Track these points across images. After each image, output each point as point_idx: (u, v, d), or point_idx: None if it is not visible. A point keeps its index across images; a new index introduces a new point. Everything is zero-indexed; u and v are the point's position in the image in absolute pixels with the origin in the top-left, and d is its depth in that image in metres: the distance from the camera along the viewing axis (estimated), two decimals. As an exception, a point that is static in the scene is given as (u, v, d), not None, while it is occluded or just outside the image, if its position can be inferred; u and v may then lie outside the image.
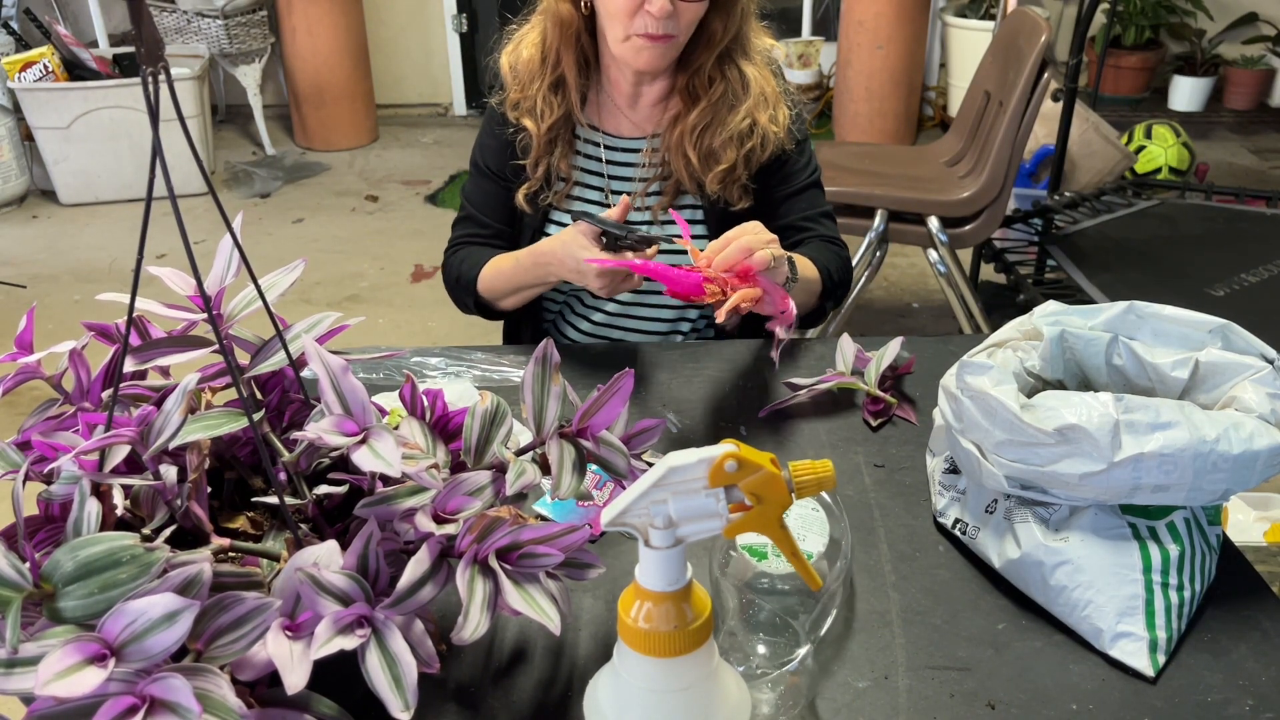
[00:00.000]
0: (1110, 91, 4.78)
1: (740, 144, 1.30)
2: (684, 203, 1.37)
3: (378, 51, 4.77)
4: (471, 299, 1.37)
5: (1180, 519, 0.82)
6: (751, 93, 1.30)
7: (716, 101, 1.30)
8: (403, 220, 3.87)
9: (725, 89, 1.30)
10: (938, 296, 3.08)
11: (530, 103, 1.33)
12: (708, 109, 1.30)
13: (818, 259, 1.31)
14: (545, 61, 1.32)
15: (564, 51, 1.31)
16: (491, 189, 1.41)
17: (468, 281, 1.36)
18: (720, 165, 1.31)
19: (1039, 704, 0.75)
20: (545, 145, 1.34)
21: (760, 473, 0.60)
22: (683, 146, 1.31)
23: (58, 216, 3.93)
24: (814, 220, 1.38)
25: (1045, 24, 2.29)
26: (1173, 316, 0.89)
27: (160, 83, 0.58)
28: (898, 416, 1.11)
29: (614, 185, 1.38)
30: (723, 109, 1.30)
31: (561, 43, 1.30)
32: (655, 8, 1.20)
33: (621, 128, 1.38)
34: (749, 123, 1.30)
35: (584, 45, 1.31)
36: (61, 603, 0.58)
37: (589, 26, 1.30)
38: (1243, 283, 2.38)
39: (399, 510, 0.69)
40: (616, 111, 1.38)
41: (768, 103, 1.32)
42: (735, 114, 1.30)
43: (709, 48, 1.28)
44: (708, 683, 0.61)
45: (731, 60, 1.30)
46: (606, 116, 1.38)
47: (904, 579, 0.87)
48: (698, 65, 1.29)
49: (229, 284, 0.79)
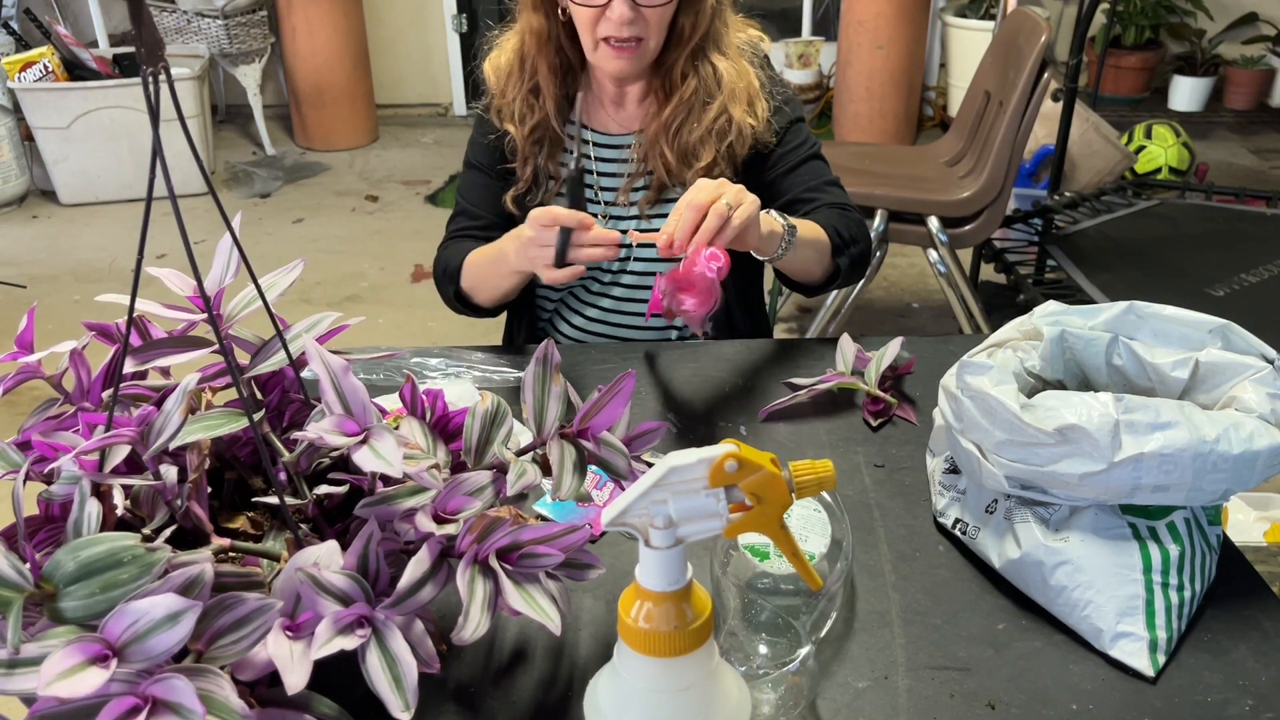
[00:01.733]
0: (1110, 91, 4.78)
1: (719, 139, 1.31)
2: (669, 196, 1.37)
3: (378, 51, 4.77)
4: (453, 288, 1.36)
5: (1180, 519, 0.82)
6: (725, 87, 1.30)
7: (689, 98, 1.31)
8: (403, 220, 3.87)
9: (697, 85, 1.30)
10: (938, 296, 3.08)
11: (510, 108, 1.36)
12: (680, 106, 1.31)
13: (820, 220, 1.28)
14: (523, 68, 1.34)
15: (539, 60, 1.33)
16: (484, 182, 1.42)
17: (453, 271, 1.35)
18: (700, 162, 1.31)
19: (1039, 704, 0.75)
20: (531, 147, 1.36)
21: (760, 473, 0.60)
22: (659, 144, 1.33)
23: (58, 216, 3.93)
24: (818, 190, 1.36)
25: (1045, 24, 2.29)
26: (1173, 316, 0.89)
27: (160, 83, 0.58)
28: (898, 416, 1.11)
29: (603, 182, 1.39)
30: (696, 105, 1.31)
31: (537, 52, 1.32)
32: (615, 14, 1.22)
33: (609, 125, 1.40)
34: (725, 118, 1.31)
35: (565, 50, 1.33)
36: (63, 603, 0.58)
37: (570, 32, 1.31)
38: (1243, 283, 2.38)
39: (399, 510, 0.69)
40: (602, 110, 1.40)
41: (744, 97, 1.32)
42: (709, 110, 1.30)
43: (679, 45, 1.30)
44: (708, 683, 0.61)
45: (704, 56, 1.31)
46: (594, 114, 1.40)
47: (904, 579, 0.87)
48: (670, 63, 1.31)
49: (229, 284, 0.79)
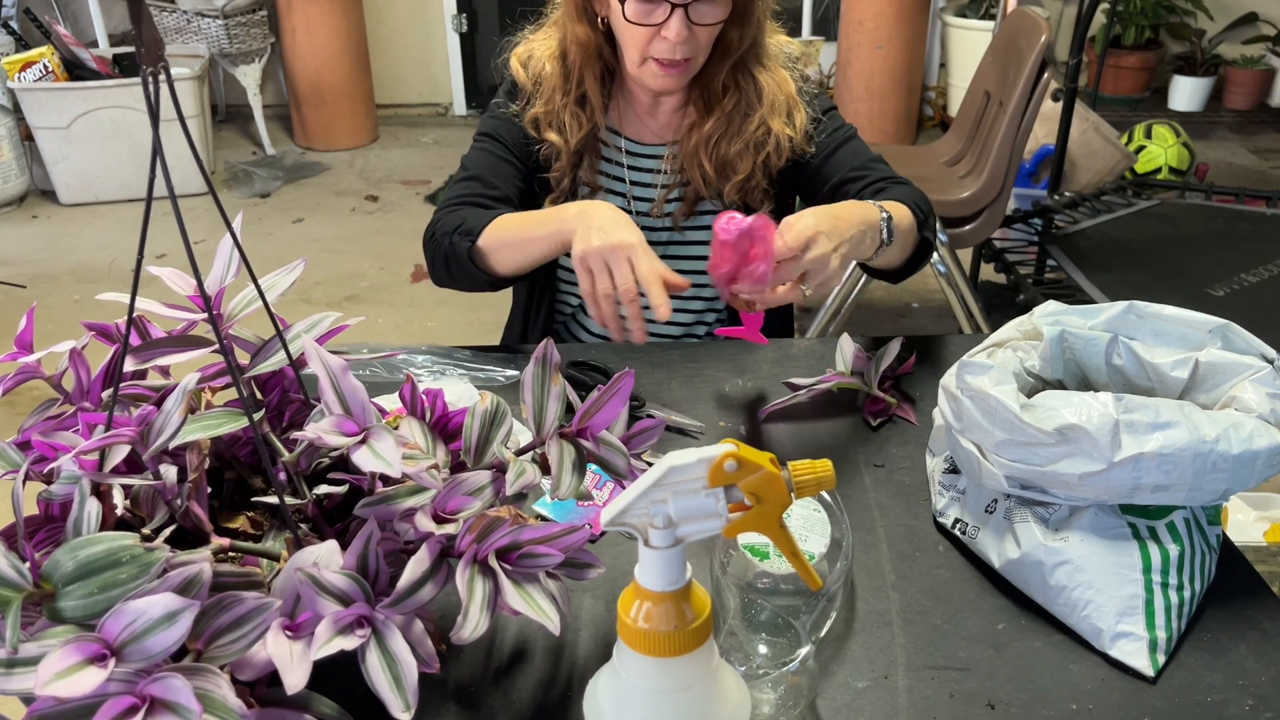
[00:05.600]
0: (1110, 91, 4.78)
1: (756, 151, 1.30)
2: (704, 208, 1.36)
3: (378, 51, 4.77)
4: (468, 244, 1.19)
5: (1180, 519, 0.82)
6: (765, 100, 1.29)
7: (730, 111, 1.28)
8: (403, 220, 3.87)
9: (739, 99, 1.28)
10: (938, 296, 3.08)
11: (556, 119, 1.31)
12: (721, 119, 1.28)
13: (894, 196, 1.22)
14: (569, 78, 1.30)
15: (586, 71, 1.29)
16: (506, 160, 1.33)
17: (474, 227, 1.20)
18: (737, 175, 1.30)
19: (1039, 704, 0.75)
20: (572, 158, 1.32)
21: (760, 473, 0.60)
22: (698, 156, 1.30)
23: (58, 216, 3.93)
24: (864, 168, 1.30)
25: (1045, 24, 2.29)
26: (1173, 316, 0.89)
27: (160, 83, 0.58)
28: (898, 416, 1.11)
29: (635, 191, 1.38)
30: (736, 118, 1.29)
31: (583, 62, 1.28)
32: (672, 33, 1.18)
33: (643, 134, 1.37)
34: (764, 130, 1.29)
35: (605, 58, 1.30)
36: (61, 603, 0.58)
37: (609, 38, 1.28)
38: (1243, 283, 2.38)
39: (399, 510, 0.69)
40: (637, 119, 1.37)
41: (783, 108, 1.30)
42: (750, 122, 1.29)
43: (724, 58, 1.26)
44: (708, 683, 0.61)
45: (746, 69, 1.28)
46: (628, 122, 1.37)
47: (904, 579, 0.87)
48: (712, 75, 1.28)
49: (229, 284, 0.79)
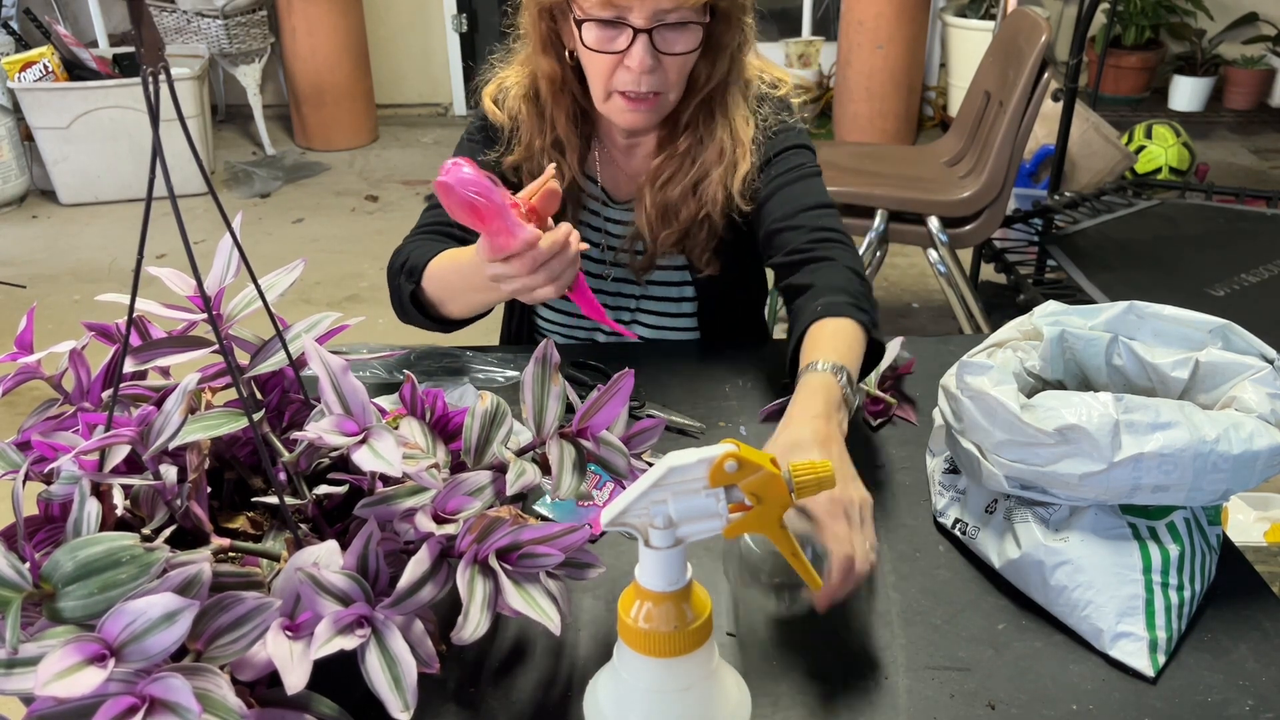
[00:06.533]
0: (1110, 91, 4.78)
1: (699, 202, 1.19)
2: (668, 263, 1.28)
3: (378, 51, 4.77)
4: (411, 287, 1.13)
5: (1180, 519, 0.82)
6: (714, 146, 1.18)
7: (682, 153, 1.19)
8: (403, 220, 3.87)
9: (693, 140, 1.19)
10: (938, 296, 3.08)
11: (535, 165, 1.23)
12: (673, 158, 1.19)
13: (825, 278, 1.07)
14: (542, 117, 1.21)
15: (556, 111, 1.20)
16: None
17: (415, 268, 1.13)
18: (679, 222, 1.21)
19: (1039, 704, 0.75)
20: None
21: (760, 473, 0.60)
22: (644, 196, 1.21)
23: (58, 216, 3.93)
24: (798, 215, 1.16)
25: (1045, 24, 2.29)
26: (1173, 316, 0.89)
27: (160, 83, 0.58)
28: (898, 416, 1.11)
29: (611, 241, 1.30)
30: (687, 161, 1.19)
31: (553, 101, 1.19)
32: (635, 61, 1.07)
33: (619, 185, 1.29)
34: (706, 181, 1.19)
35: (576, 96, 1.20)
36: (61, 603, 0.58)
37: (579, 75, 1.18)
38: (1243, 283, 2.38)
39: (399, 510, 0.69)
40: (613, 164, 1.28)
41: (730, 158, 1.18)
42: (698, 168, 1.19)
43: (691, 95, 1.17)
44: (708, 683, 0.61)
45: (709, 109, 1.18)
46: (606, 170, 1.29)
47: (904, 579, 0.87)
48: (679, 111, 1.18)
49: (229, 284, 0.79)
